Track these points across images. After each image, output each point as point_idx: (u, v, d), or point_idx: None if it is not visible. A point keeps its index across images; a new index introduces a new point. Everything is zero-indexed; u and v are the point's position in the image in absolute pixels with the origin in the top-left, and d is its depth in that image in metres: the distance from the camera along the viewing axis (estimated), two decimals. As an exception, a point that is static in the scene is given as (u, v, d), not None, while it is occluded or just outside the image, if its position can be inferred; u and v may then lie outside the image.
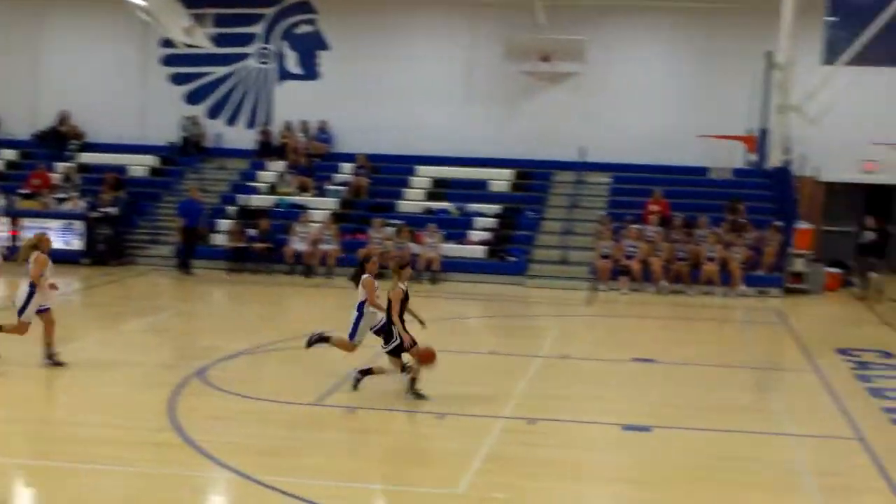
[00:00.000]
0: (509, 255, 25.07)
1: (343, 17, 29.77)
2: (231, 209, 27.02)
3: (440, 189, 27.77)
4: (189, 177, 28.87)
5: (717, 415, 13.46)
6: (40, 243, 14.59)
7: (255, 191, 28.04)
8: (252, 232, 25.39)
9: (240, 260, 25.06)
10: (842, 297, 23.98)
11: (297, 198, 27.47)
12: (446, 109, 29.39)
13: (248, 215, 26.40)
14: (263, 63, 30.36)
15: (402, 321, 13.40)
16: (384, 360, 13.68)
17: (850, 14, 27.53)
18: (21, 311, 14.24)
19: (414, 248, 24.67)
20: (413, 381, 13.39)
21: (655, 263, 23.91)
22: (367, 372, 13.77)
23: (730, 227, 24.88)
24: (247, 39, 30.36)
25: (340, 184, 28.09)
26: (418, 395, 13.33)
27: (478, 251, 25.35)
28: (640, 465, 11.42)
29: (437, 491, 10.36)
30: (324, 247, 24.76)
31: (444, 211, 26.91)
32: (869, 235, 23.74)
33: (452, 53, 29.32)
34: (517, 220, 26.63)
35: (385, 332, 13.47)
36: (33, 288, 14.27)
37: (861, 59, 23.81)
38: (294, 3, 30.02)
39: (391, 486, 10.84)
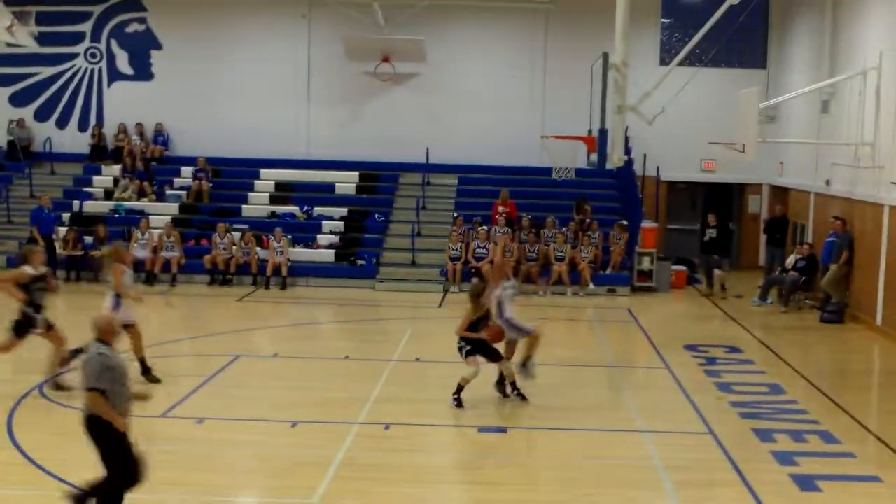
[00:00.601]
0: (359, 258, 24.76)
1: (175, 15, 28.88)
2: (66, 216, 25.88)
3: (285, 193, 27.27)
4: (17, 182, 27.57)
5: (572, 414, 13.49)
6: (117, 253, 14.53)
7: (90, 196, 26.94)
8: (89, 239, 24.38)
9: (77, 268, 24.02)
10: (688, 295, 24.52)
11: (135, 203, 26.54)
12: (288, 111, 28.88)
13: (84, 222, 25.35)
14: (93, 63, 29.22)
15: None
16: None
17: (683, 16, 28.37)
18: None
19: (261, 253, 24.13)
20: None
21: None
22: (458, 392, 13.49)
23: (577, 226, 25.16)
24: (74, 38, 29.14)
25: (180, 188, 27.26)
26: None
27: (326, 255, 24.96)
28: (497, 467, 11.36)
29: (292, 500, 10.10)
30: (166, 254, 23.95)
31: (290, 215, 26.42)
32: (711, 233, 24.31)
33: (291, 53, 28.79)
34: (365, 222, 26.35)
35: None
36: (118, 299, 14.18)
37: (694, 60, 24.39)
38: (123, 0, 28.97)
39: (246, 499, 10.49)
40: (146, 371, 14.42)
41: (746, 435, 12.50)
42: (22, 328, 13.83)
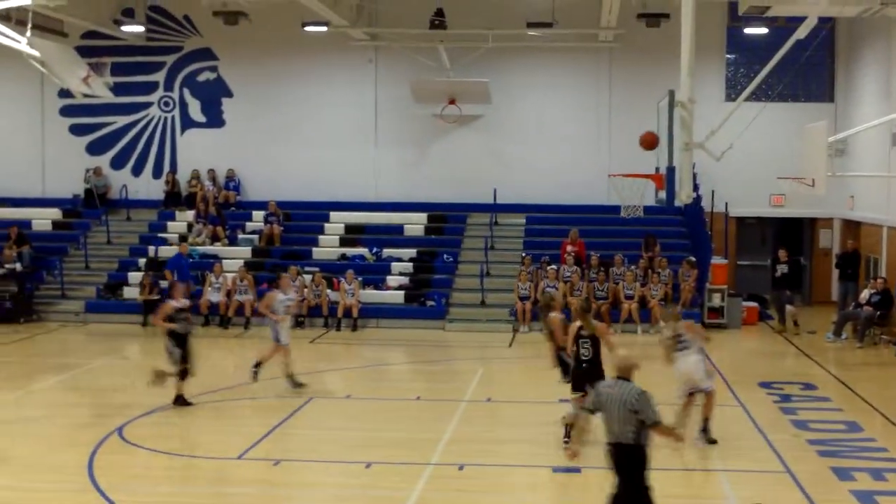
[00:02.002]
0: (428, 299, 24.91)
1: (245, 63, 29.42)
2: (141, 261, 26.40)
3: (355, 235, 27.55)
4: (95, 229, 28.21)
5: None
6: (281, 281, 17.64)
7: (164, 242, 27.46)
8: (164, 284, 24.81)
9: (152, 313, 24.42)
10: (760, 331, 24.27)
11: (208, 248, 26.99)
12: (356, 154, 29.21)
13: (158, 267, 25.82)
14: (166, 111, 29.87)
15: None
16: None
17: (748, 51, 28.27)
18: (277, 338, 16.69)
19: (332, 295, 24.38)
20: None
21: (574, 303, 23.88)
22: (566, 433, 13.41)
23: (646, 264, 25.08)
24: (148, 88, 29.83)
25: (252, 232, 27.69)
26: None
27: (396, 296, 25.15)
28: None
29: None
30: (239, 297, 24.31)
31: (359, 257, 26.68)
32: (782, 268, 24.09)
33: (359, 98, 29.16)
34: (434, 263, 26.51)
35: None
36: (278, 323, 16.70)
37: (760, 96, 24.29)
38: (194, 50, 29.57)
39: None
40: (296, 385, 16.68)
41: (825, 473, 12.34)
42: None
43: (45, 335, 23.24)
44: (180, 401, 15.45)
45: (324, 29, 26.33)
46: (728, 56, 28.61)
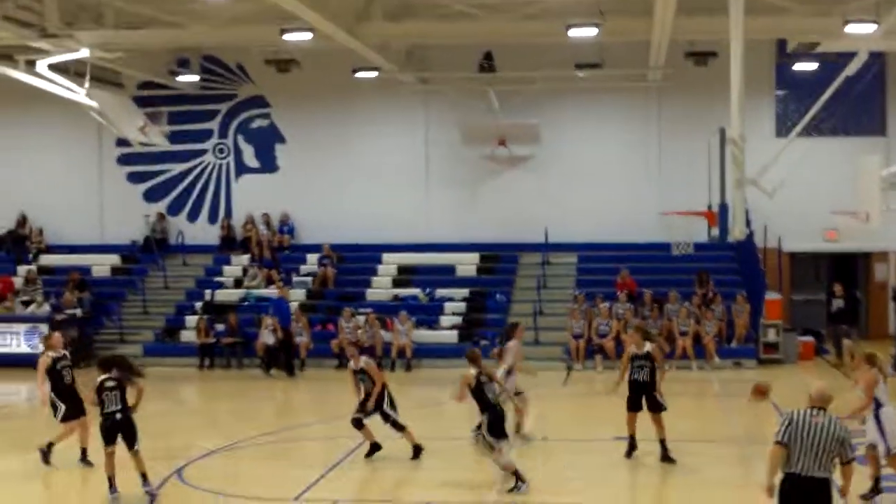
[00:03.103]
0: (482, 338, 24.97)
1: (297, 109, 29.87)
2: (198, 305, 26.79)
3: (407, 276, 27.75)
4: (152, 274, 28.67)
5: (708, 491, 13.35)
6: (515, 330, 16.59)
7: (220, 286, 27.84)
8: (220, 327, 25.16)
9: (209, 356, 24.78)
10: (817, 366, 24.04)
11: (264, 291, 27.31)
12: (408, 196, 29.45)
13: (215, 310, 26.18)
14: (220, 158, 30.37)
15: None
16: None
17: (799, 87, 28.14)
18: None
19: (385, 335, 24.55)
20: None
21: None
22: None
23: (700, 300, 25.00)
24: (203, 135, 30.38)
25: (306, 275, 27.98)
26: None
27: (449, 336, 25.27)
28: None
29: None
30: (295, 339, 24.54)
31: (412, 297, 26.85)
32: (838, 303, 23.91)
33: (409, 140, 29.47)
34: (486, 303, 26.61)
35: None
36: (510, 374, 15.66)
37: (811, 131, 24.23)
38: (248, 97, 30.10)
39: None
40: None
41: (884, 507, 12.22)
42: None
43: (104, 379, 23.51)
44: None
45: (374, 74, 26.69)
46: (778, 92, 28.57)
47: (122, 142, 28.40)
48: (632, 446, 14.62)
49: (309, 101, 29.64)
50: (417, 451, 14.75)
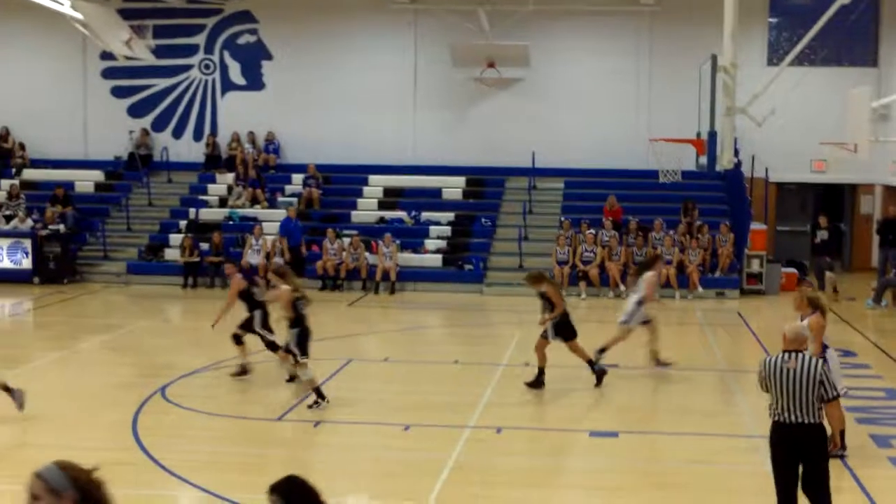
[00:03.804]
0: (466, 263, 24.98)
1: (285, 27, 29.44)
2: (182, 223, 26.66)
3: (393, 198, 27.65)
4: (136, 191, 28.47)
5: (684, 418, 13.46)
6: (655, 262, 16.65)
7: (205, 204, 27.69)
8: (204, 246, 25.07)
9: (193, 274, 24.72)
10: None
11: (248, 210, 27.18)
12: (395, 118, 29.23)
13: (199, 229, 26.07)
14: (206, 74, 29.99)
15: None
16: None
17: (792, 15, 27.91)
18: (625, 321, 15.62)
19: (370, 258, 24.53)
20: None
21: (613, 268, 23.97)
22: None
23: (685, 229, 25.00)
24: (188, 51, 29.95)
25: (292, 195, 27.84)
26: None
27: (434, 260, 25.26)
28: (610, 471, 11.41)
29: (406, 504, 10.30)
30: (278, 259, 24.48)
31: (398, 220, 26.77)
32: (822, 235, 23.94)
33: (398, 61, 29.15)
34: (472, 227, 26.57)
35: None
36: (641, 304, 15.61)
37: (803, 60, 24.04)
38: (235, 12, 29.64)
39: (360, 500, 10.73)
40: (658, 361, 15.88)
41: (863, 440, 12.32)
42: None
43: (88, 296, 23.57)
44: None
45: (363, -8, 26.28)
46: (771, 20, 28.32)
47: (106, 55, 27.94)
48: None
49: (297, 17, 29.25)
50: (292, 379, 14.59)
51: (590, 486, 11.03)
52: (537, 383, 14.50)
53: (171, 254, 25.51)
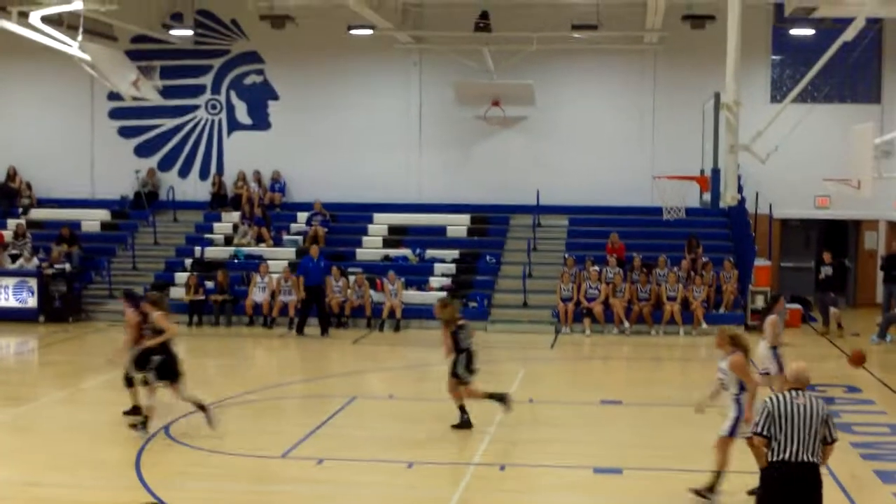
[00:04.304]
0: (470, 300, 24.99)
1: (291, 67, 29.65)
2: (187, 262, 26.74)
3: (397, 236, 27.71)
4: (142, 230, 28.58)
5: (687, 453, 13.41)
6: (776, 303, 15.15)
7: (210, 243, 27.78)
8: (209, 284, 25.14)
9: (198, 313, 24.76)
10: (804, 333, 24.13)
11: (254, 248, 27.26)
12: (400, 156, 29.34)
13: (204, 267, 26.14)
14: (213, 114, 30.19)
15: None
16: None
17: (794, 53, 28.06)
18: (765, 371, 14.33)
19: (375, 296, 24.56)
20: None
21: (617, 305, 23.98)
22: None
23: (689, 266, 25.02)
24: (195, 91, 30.16)
25: (297, 234, 27.92)
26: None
27: (439, 297, 25.19)
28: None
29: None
30: (283, 297, 24.53)
31: (402, 258, 26.83)
32: (826, 270, 23.95)
33: (403, 100, 29.30)
34: (476, 265, 26.61)
35: None
36: (775, 349, 14.40)
37: (806, 97, 24.16)
38: (241, 53, 29.85)
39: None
40: None
41: (868, 476, 12.31)
42: None
43: (93, 334, 23.62)
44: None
45: (369, 32, 26.51)
46: (773, 57, 28.45)
47: (113, 95, 28.16)
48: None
49: (303, 58, 29.44)
50: (136, 410, 14.60)
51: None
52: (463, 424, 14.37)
53: (177, 292, 25.55)
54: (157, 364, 13.92)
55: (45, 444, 13.56)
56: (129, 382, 14.91)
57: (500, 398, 14.70)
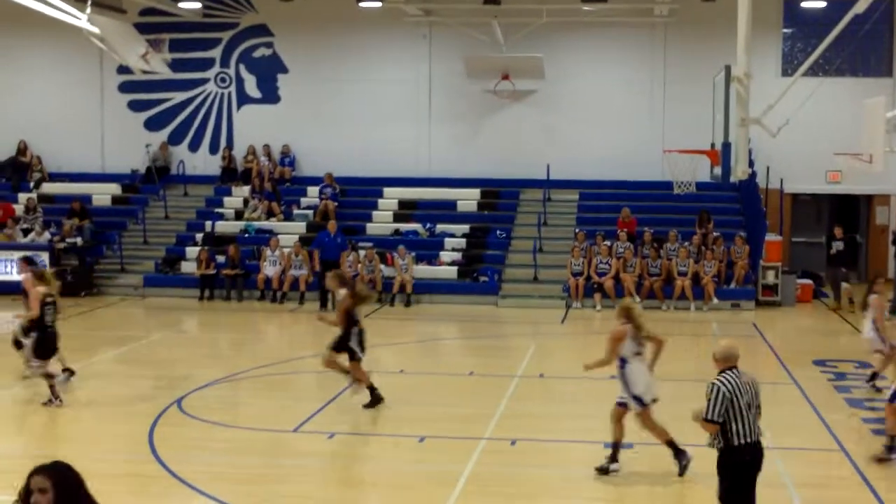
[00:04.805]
0: (481, 275, 25.00)
1: (300, 40, 29.57)
2: (198, 236, 26.78)
3: (408, 211, 27.70)
4: (153, 204, 28.62)
5: (700, 429, 13.39)
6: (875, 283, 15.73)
7: (221, 217, 27.81)
8: (220, 259, 25.18)
9: (209, 287, 24.82)
10: (815, 309, 24.12)
11: (264, 223, 27.28)
12: (410, 130, 29.29)
13: (215, 242, 26.18)
14: (222, 87, 30.15)
15: None
16: None
17: (805, 25, 27.87)
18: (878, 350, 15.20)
19: (385, 270, 24.58)
20: None
21: (627, 280, 23.96)
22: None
23: (700, 241, 24.98)
24: (204, 64, 30.11)
25: (307, 208, 27.92)
26: None
27: (449, 272, 25.29)
28: (625, 483, 11.39)
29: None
30: (294, 272, 24.57)
31: (413, 232, 26.82)
32: (837, 245, 23.90)
33: (413, 73, 29.22)
34: (486, 239, 26.60)
35: None
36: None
37: (817, 70, 24.02)
38: (250, 26, 29.79)
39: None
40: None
41: (880, 452, 12.29)
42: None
43: (105, 308, 23.70)
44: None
45: (378, 4, 26.44)
46: (785, 30, 28.28)
47: (123, 69, 28.09)
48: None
49: (312, 31, 29.36)
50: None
51: (604, 497, 11.03)
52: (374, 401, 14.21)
53: (188, 266, 25.62)
54: (33, 343, 14.11)
55: (57, 417, 13.63)
56: (18, 345, 15.21)
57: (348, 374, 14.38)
